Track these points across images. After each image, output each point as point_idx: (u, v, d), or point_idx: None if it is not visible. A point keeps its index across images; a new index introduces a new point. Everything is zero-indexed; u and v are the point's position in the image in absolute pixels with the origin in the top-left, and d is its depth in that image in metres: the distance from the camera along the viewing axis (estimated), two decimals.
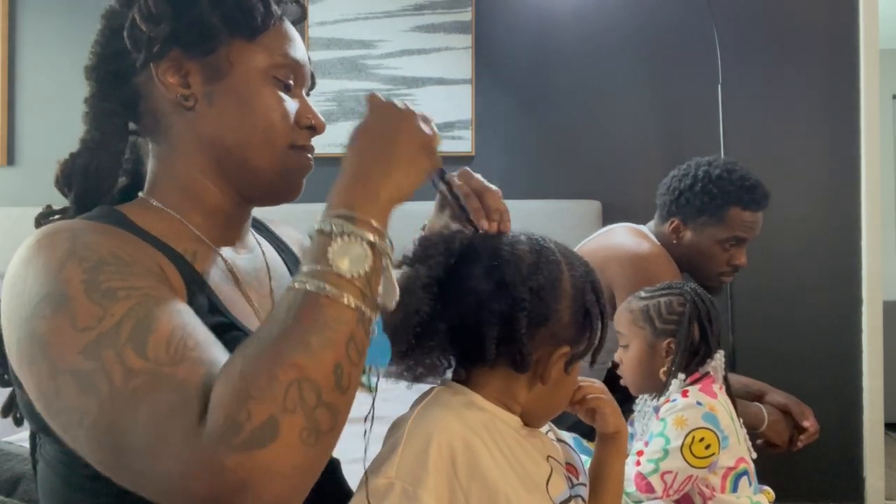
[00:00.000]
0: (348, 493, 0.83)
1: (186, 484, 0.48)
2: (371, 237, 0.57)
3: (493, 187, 0.77)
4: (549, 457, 0.76)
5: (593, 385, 0.84)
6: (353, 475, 0.84)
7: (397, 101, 0.69)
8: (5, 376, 0.72)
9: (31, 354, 0.56)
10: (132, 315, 0.55)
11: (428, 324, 0.70)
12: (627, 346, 1.28)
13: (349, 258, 0.55)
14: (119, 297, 0.56)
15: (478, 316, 0.69)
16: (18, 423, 0.74)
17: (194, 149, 0.74)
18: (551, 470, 0.74)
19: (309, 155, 0.79)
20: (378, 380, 0.65)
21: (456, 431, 0.67)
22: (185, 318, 0.58)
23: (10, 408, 0.75)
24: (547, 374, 0.73)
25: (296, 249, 0.95)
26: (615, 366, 1.33)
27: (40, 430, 0.66)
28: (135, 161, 0.81)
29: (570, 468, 0.81)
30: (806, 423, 1.58)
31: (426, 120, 0.68)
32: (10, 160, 2.56)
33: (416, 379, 0.74)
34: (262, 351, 0.51)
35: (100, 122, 0.75)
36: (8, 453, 1.04)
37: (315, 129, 0.79)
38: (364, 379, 0.61)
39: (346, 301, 0.54)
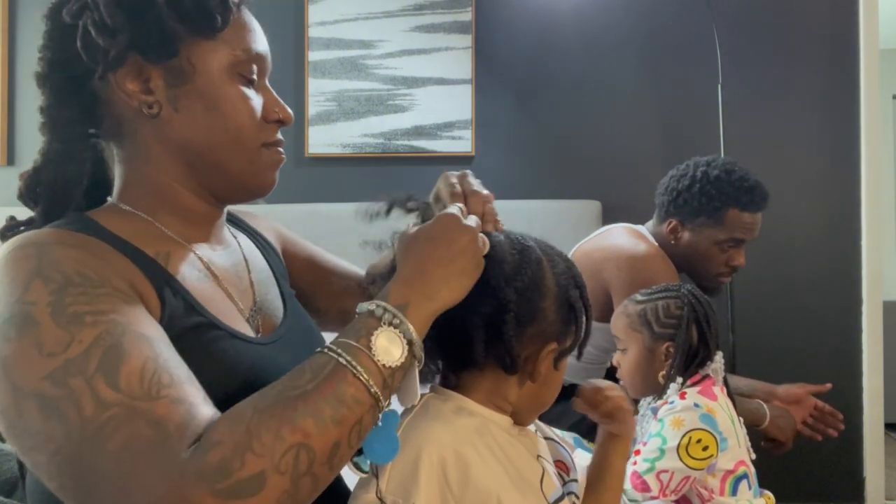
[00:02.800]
0: (345, 490, 0.83)
1: None
2: (413, 337, 0.60)
3: (485, 192, 0.77)
4: (538, 456, 0.76)
5: (621, 396, 0.84)
6: (350, 475, 0.84)
7: (459, 214, 0.70)
8: None
9: None
10: (100, 343, 0.54)
11: None
12: (625, 351, 1.28)
13: (389, 348, 0.58)
14: (86, 323, 0.55)
15: (464, 320, 0.69)
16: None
17: (163, 154, 0.72)
18: (543, 469, 0.74)
19: (280, 149, 0.77)
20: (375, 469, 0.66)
21: (446, 442, 0.67)
22: (157, 348, 0.57)
23: None
24: (536, 372, 0.73)
25: (272, 238, 0.94)
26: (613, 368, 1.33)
27: None
28: (96, 161, 0.78)
29: (561, 465, 0.81)
30: (826, 386, 1.64)
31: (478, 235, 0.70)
32: (10, 160, 2.56)
33: None
34: (276, 407, 0.53)
35: (60, 132, 0.72)
36: (8, 453, 1.04)
37: (283, 121, 0.76)
38: (362, 464, 0.64)
39: (368, 385, 0.56)
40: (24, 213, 0.81)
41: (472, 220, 0.71)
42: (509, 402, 0.74)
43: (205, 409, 0.54)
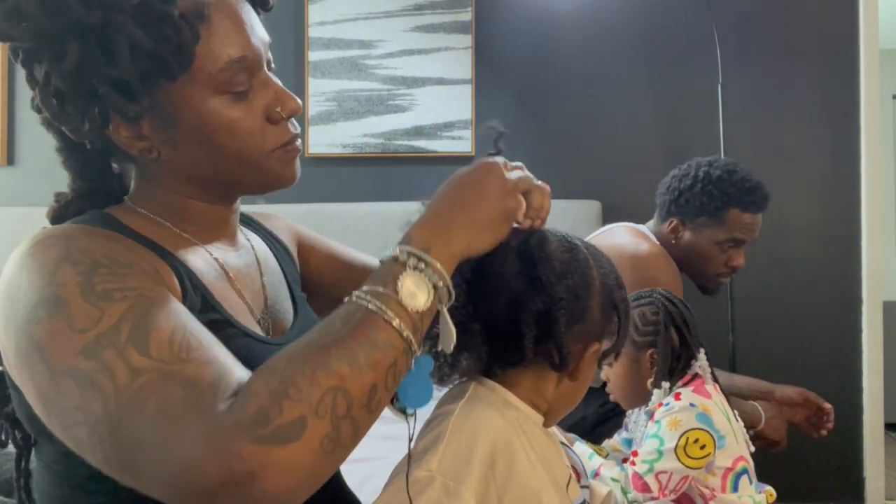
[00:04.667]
0: (347, 492, 0.83)
1: (198, 470, 0.48)
2: (437, 280, 0.60)
3: (540, 183, 0.74)
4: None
5: None
6: (350, 475, 0.84)
7: (505, 167, 0.69)
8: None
9: (29, 359, 0.56)
10: (130, 316, 0.55)
11: (462, 324, 0.69)
12: (611, 364, 1.27)
13: (415, 292, 0.58)
14: (115, 299, 0.56)
15: (514, 316, 0.69)
16: (3, 444, 0.73)
17: (174, 181, 0.72)
18: (570, 473, 0.75)
19: (296, 143, 0.74)
20: (415, 416, 0.66)
21: (500, 430, 0.67)
22: (183, 317, 0.58)
23: None
24: (578, 371, 0.74)
25: (286, 239, 0.94)
26: None
27: (39, 434, 0.66)
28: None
29: (573, 471, 0.81)
30: (826, 406, 1.62)
31: (522, 190, 0.69)
32: (10, 160, 2.56)
33: (441, 381, 0.73)
34: (309, 353, 0.53)
35: (82, 173, 0.74)
36: (8, 453, 1.04)
37: (290, 116, 0.72)
38: (403, 408, 0.64)
39: (400, 329, 0.56)
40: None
41: (515, 175, 0.69)
42: (546, 399, 0.75)
43: (236, 369, 0.55)
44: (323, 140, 2.47)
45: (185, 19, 0.63)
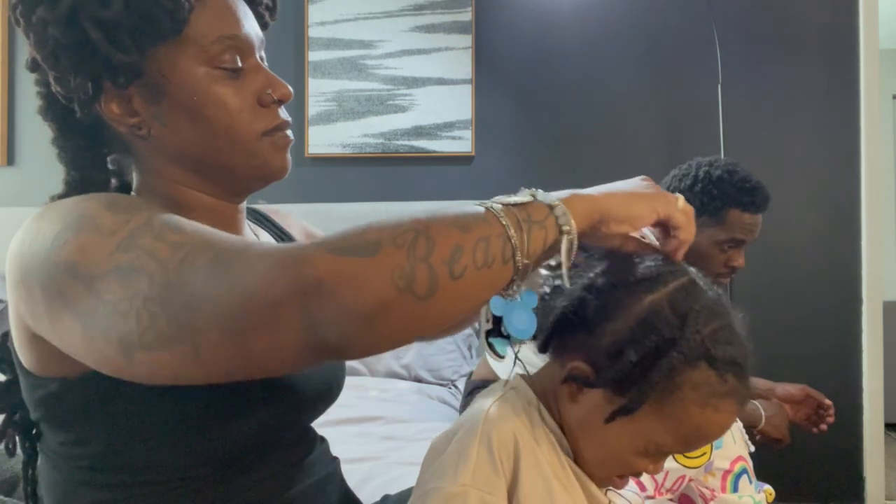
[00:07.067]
0: (347, 491, 0.83)
1: (265, 281, 0.48)
2: (549, 199, 0.58)
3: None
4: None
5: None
6: (350, 475, 0.85)
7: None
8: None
9: (59, 288, 0.54)
10: (158, 216, 0.56)
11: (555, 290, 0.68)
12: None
13: (513, 198, 0.57)
14: (142, 209, 0.58)
15: (616, 335, 0.65)
16: (11, 453, 0.72)
17: (166, 165, 0.71)
18: None
19: (287, 131, 0.73)
20: (518, 350, 0.63)
21: (521, 432, 0.65)
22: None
23: (3, 435, 0.73)
24: (582, 399, 0.67)
25: (300, 239, 0.93)
26: None
27: (45, 422, 0.66)
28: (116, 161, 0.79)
29: None
30: (826, 401, 1.63)
31: (679, 205, 0.72)
32: (10, 160, 2.56)
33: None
34: (398, 216, 0.53)
35: (74, 162, 0.73)
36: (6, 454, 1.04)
37: (280, 100, 0.72)
38: (498, 347, 0.61)
39: (498, 214, 0.54)
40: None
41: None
42: (558, 407, 0.69)
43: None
44: (323, 140, 2.47)
45: None
